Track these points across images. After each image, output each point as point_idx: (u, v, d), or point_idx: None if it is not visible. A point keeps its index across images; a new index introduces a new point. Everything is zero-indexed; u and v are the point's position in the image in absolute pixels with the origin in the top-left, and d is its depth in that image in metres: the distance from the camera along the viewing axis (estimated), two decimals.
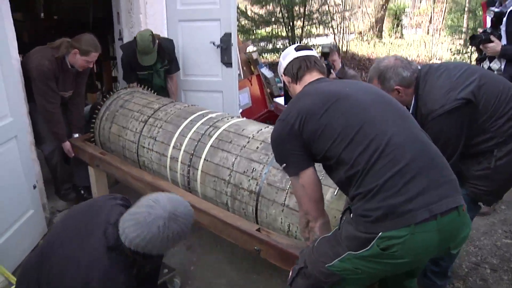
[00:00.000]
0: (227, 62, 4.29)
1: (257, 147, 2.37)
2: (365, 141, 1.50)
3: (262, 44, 8.26)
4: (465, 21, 9.23)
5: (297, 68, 1.84)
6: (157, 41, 3.87)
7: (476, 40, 3.37)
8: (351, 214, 1.54)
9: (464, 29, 8.97)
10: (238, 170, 2.36)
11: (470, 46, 5.88)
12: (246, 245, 2.15)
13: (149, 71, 4.02)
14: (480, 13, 6.78)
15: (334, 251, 1.55)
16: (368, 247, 1.43)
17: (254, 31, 8.16)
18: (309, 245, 1.73)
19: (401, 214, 1.39)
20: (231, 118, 2.79)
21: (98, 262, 1.63)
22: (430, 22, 12.28)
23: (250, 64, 6.30)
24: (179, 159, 2.72)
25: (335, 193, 1.97)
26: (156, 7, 4.35)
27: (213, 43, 4.22)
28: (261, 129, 2.49)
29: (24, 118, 3.27)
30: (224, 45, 4.22)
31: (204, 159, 2.56)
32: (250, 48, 6.71)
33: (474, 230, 3.29)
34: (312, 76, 1.82)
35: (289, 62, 1.87)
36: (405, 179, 1.43)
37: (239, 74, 5.55)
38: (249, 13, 8.17)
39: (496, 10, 3.32)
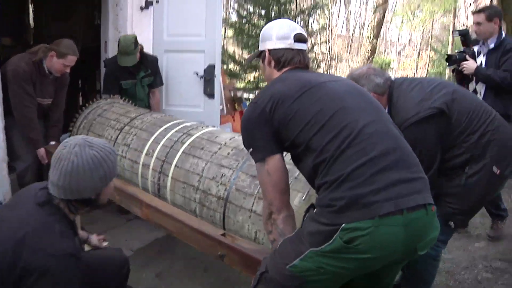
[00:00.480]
0: (209, 94, 4.29)
1: (228, 153, 2.32)
2: (336, 128, 1.46)
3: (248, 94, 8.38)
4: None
5: (289, 59, 1.73)
6: (139, 46, 3.88)
7: (451, 59, 3.49)
8: (315, 210, 1.48)
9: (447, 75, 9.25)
10: (207, 176, 2.31)
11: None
12: (210, 250, 2.07)
13: (132, 80, 3.99)
14: None
15: (296, 250, 1.44)
16: (331, 241, 1.34)
17: (242, 75, 8.34)
18: (272, 250, 1.64)
19: (366, 205, 1.32)
20: (206, 127, 2.76)
21: (30, 217, 1.60)
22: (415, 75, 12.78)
23: (234, 102, 6.36)
24: (151, 166, 2.67)
25: (303, 198, 1.91)
26: (143, 36, 4.36)
27: (197, 74, 4.24)
28: (234, 137, 2.45)
29: None
30: (208, 76, 4.24)
31: (175, 166, 2.51)
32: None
33: (455, 265, 3.23)
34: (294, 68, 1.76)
35: (283, 48, 1.74)
36: (373, 169, 1.37)
37: (222, 109, 5.58)
38: (237, 57, 8.34)
39: (460, 29, 3.53)
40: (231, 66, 8.09)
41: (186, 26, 4.26)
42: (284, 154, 1.63)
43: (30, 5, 6.47)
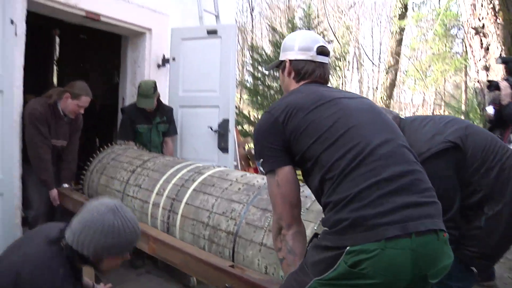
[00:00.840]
0: (223, 148, 4.35)
1: (239, 188, 2.32)
2: (347, 145, 1.41)
3: None
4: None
5: (310, 71, 1.69)
6: (158, 93, 4.06)
7: (492, 85, 3.61)
8: (319, 236, 1.42)
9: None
10: (217, 212, 2.30)
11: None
12: (218, 283, 2.01)
13: (148, 125, 4.10)
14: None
15: (301, 283, 1.37)
16: (335, 267, 1.27)
17: None
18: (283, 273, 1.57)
19: (372, 227, 1.25)
20: (218, 166, 2.77)
21: (35, 254, 1.60)
22: None
23: (248, 159, 6.41)
24: (161, 205, 2.66)
25: (315, 227, 1.88)
26: (159, 92, 4.59)
27: (211, 128, 4.32)
28: (246, 174, 2.46)
29: (14, 180, 3.30)
30: (222, 131, 4.32)
31: (185, 203, 2.50)
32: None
33: None
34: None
35: (304, 60, 1.70)
36: (381, 191, 1.31)
37: (237, 166, 5.61)
38: (252, 118, 8.50)
39: (503, 56, 3.59)
40: (245, 126, 8.23)
41: (201, 82, 4.42)
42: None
43: (54, 65, 6.84)
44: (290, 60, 1.72)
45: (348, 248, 1.26)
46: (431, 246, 1.30)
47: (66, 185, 3.67)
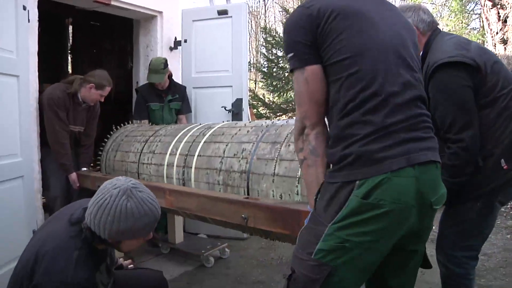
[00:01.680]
0: None
1: (248, 131, 2.31)
2: (362, 81, 1.36)
3: None
4: None
5: None
6: (169, 70, 4.10)
7: None
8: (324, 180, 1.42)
9: None
10: (229, 155, 2.29)
11: None
12: (234, 217, 2.00)
13: (161, 103, 4.15)
14: None
15: (316, 234, 1.36)
16: (348, 202, 1.30)
17: (272, 118, 8.45)
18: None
19: (379, 160, 1.30)
20: (228, 121, 2.77)
21: (57, 233, 1.61)
22: None
23: None
24: (175, 163, 2.67)
25: None
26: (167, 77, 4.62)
27: (225, 108, 4.32)
28: (248, 115, 2.45)
29: (33, 163, 3.33)
30: (236, 110, 4.31)
31: (198, 155, 2.50)
32: None
33: None
34: None
35: None
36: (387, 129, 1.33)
37: None
38: (266, 100, 8.54)
39: None
40: (261, 109, 8.24)
41: (213, 63, 4.42)
42: None
43: (68, 54, 6.99)
44: None
45: (357, 182, 1.30)
46: (431, 174, 1.37)
47: (84, 169, 3.73)
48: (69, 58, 6.95)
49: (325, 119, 1.48)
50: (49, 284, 1.49)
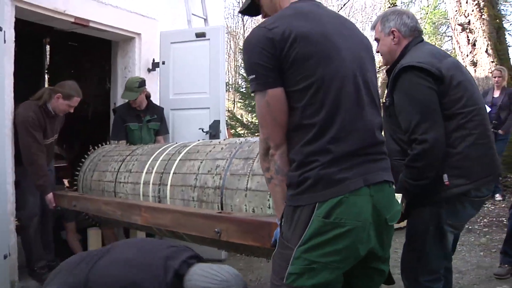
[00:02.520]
0: None
1: (222, 148, 2.37)
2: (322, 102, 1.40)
3: None
4: None
5: None
6: (145, 90, 4.14)
7: None
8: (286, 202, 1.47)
9: None
10: (203, 172, 2.33)
11: None
12: (207, 231, 2.04)
13: (139, 123, 4.17)
14: None
15: (285, 258, 1.40)
16: (310, 223, 1.35)
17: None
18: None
19: (338, 182, 1.36)
20: (204, 140, 2.81)
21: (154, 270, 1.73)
22: None
23: None
24: (151, 181, 2.69)
25: None
26: (144, 97, 4.64)
27: (202, 130, 4.32)
28: (226, 137, 2.50)
29: (7, 185, 3.30)
30: (213, 132, 4.32)
31: (173, 173, 2.54)
32: None
33: None
34: None
35: None
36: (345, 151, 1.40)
37: None
38: (245, 121, 8.58)
39: None
40: (239, 129, 8.31)
41: (191, 84, 4.44)
42: None
43: (45, 73, 6.98)
44: None
45: (317, 203, 1.35)
46: (385, 192, 1.46)
47: None
48: (46, 77, 6.92)
49: None
50: None
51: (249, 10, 1.70)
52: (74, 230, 3.94)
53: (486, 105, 2.47)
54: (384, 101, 2.13)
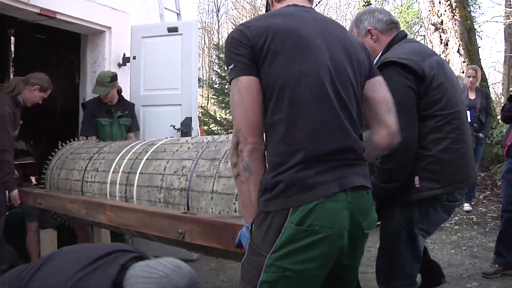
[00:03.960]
0: None
1: (189, 147, 2.32)
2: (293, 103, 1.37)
3: None
4: None
5: None
6: (117, 85, 4.05)
7: None
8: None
9: None
10: (169, 173, 2.28)
11: None
12: (171, 232, 1.99)
13: (110, 119, 4.07)
14: None
15: (257, 266, 1.35)
16: (283, 230, 1.31)
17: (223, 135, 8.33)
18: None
19: (312, 186, 1.31)
20: (172, 137, 2.76)
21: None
22: None
23: None
24: (117, 181, 2.63)
25: None
26: (115, 92, 4.54)
27: (174, 127, 4.23)
28: (197, 136, 2.46)
29: None
30: (185, 129, 4.23)
31: (139, 173, 2.48)
32: None
33: None
34: (300, 0, 1.58)
35: None
36: (318, 153, 1.36)
37: None
38: (218, 117, 8.49)
39: None
40: (212, 125, 8.26)
41: (163, 80, 4.34)
42: None
43: (11, 66, 6.75)
44: None
45: (291, 209, 1.31)
46: (362, 199, 1.41)
47: None
48: (11, 70, 6.70)
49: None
50: None
51: None
52: (35, 231, 3.81)
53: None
54: None
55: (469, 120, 4.38)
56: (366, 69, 1.57)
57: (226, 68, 1.50)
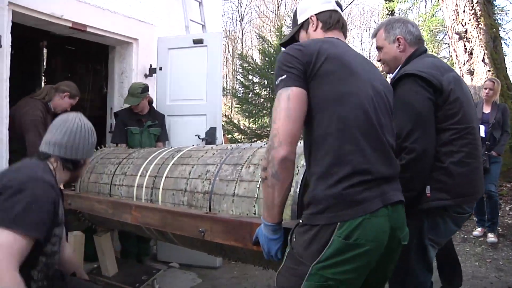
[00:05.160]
0: None
1: (213, 153, 2.40)
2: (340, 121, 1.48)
3: None
4: None
5: (337, 19, 1.75)
6: (148, 96, 4.20)
7: None
8: (301, 220, 1.49)
9: None
10: (194, 177, 2.37)
11: None
12: (192, 231, 2.07)
13: (140, 128, 4.19)
14: None
15: (298, 274, 1.42)
16: (330, 243, 1.38)
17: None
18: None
19: (359, 202, 1.40)
20: (198, 145, 2.85)
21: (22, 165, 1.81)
22: None
23: None
24: (144, 185, 2.73)
25: None
26: (146, 102, 4.67)
27: (198, 136, 4.33)
28: (222, 143, 2.53)
29: None
30: (210, 139, 4.32)
31: (165, 177, 2.57)
32: None
33: None
34: (339, 34, 1.75)
35: (329, 10, 1.76)
36: (365, 171, 1.45)
37: None
38: (241, 126, 8.49)
39: None
40: (236, 135, 8.30)
41: (188, 91, 4.47)
42: None
43: (42, 76, 7.01)
44: (315, 14, 1.76)
45: (338, 223, 1.38)
46: (400, 212, 1.55)
47: None
48: (43, 81, 6.95)
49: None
50: (19, 179, 1.64)
51: (288, 43, 1.82)
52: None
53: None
54: None
55: (482, 135, 4.29)
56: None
57: (274, 80, 1.56)
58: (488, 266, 4.23)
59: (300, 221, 1.49)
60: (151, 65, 4.82)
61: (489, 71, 7.42)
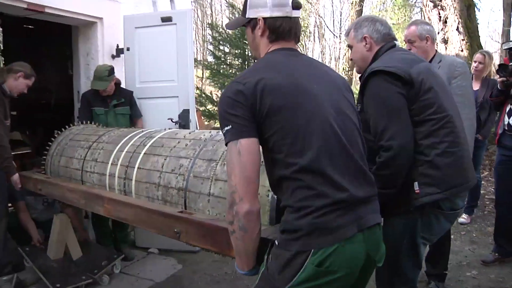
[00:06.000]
0: None
1: (186, 144, 2.28)
2: (308, 146, 1.39)
3: None
4: None
5: (287, 29, 1.56)
6: (115, 77, 4.00)
7: (506, 70, 3.29)
8: (277, 242, 1.44)
9: None
10: (167, 170, 2.26)
11: None
12: (167, 231, 2.00)
13: (105, 108, 4.01)
14: None
15: None
16: (303, 269, 1.36)
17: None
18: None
19: (333, 230, 1.37)
20: (170, 129, 2.74)
21: None
22: None
23: None
24: (116, 174, 2.62)
25: None
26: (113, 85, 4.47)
27: (171, 120, 4.17)
28: (195, 131, 2.43)
29: None
30: (183, 122, 4.19)
31: (138, 168, 2.47)
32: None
33: None
34: (287, 43, 1.58)
35: (281, 17, 1.55)
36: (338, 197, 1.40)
37: None
38: (214, 97, 8.32)
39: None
40: (209, 106, 8.14)
41: (158, 72, 4.27)
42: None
43: (1, 59, 6.67)
44: (264, 18, 1.56)
45: (312, 250, 1.36)
46: (376, 236, 1.50)
47: None
48: (2, 63, 6.60)
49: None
50: None
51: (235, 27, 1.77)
52: (25, 208, 3.82)
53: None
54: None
55: None
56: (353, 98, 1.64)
57: (220, 128, 1.48)
58: (462, 239, 4.28)
59: (276, 242, 1.44)
60: (118, 45, 4.58)
61: (463, 39, 7.41)
